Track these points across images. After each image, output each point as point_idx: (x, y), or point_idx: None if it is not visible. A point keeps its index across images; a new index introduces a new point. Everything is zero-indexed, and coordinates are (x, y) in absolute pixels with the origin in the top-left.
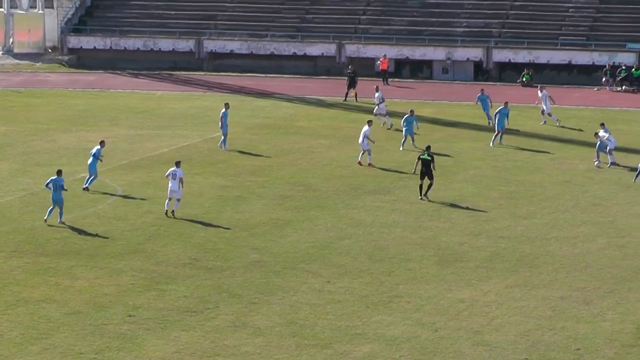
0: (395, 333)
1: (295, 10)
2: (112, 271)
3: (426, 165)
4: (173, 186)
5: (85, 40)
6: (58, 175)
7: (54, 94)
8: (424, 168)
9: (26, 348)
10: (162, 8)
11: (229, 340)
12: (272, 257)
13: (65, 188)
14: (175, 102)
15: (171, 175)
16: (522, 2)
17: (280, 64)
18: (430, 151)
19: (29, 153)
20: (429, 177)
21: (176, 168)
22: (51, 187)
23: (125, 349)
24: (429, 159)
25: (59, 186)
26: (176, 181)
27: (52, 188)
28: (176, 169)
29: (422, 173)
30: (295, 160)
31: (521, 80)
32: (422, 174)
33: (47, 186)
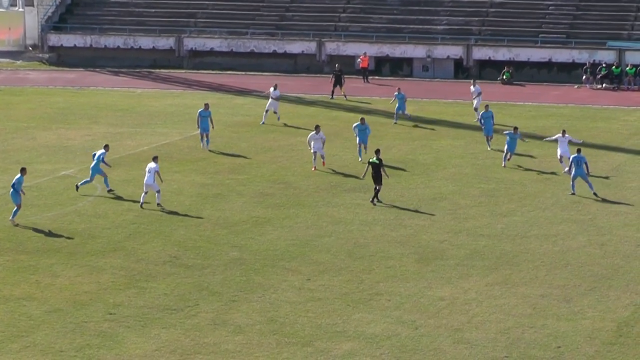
0: (375, 331)
1: (275, 8)
2: (93, 269)
3: (375, 170)
4: (148, 180)
5: (66, 38)
6: (21, 174)
7: (34, 92)
8: (373, 172)
9: (6, 346)
10: (142, 6)
11: (209, 338)
12: (252, 255)
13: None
14: (155, 100)
15: (147, 169)
16: (502, 0)
17: (260, 61)
18: (379, 155)
19: (9, 151)
20: (378, 182)
21: (152, 162)
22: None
23: (105, 346)
24: (378, 162)
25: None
26: (151, 174)
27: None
28: (151, 163)
29: (373, 177)
30: (275, 158)
31: (501, 78)
32: (373, 178)
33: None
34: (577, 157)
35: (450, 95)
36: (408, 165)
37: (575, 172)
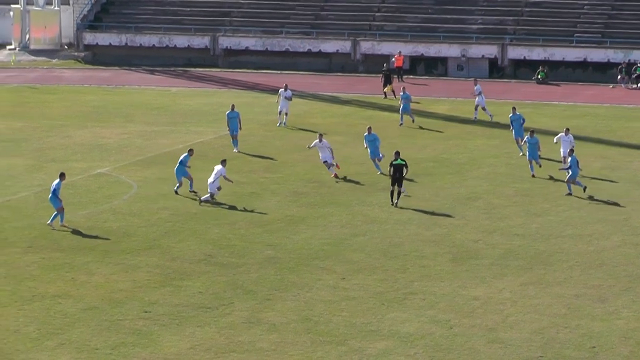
0: (409, 330)
1: (310, 7)
2: (128, 267)
3: (399, 171)
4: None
5: (101, 36)
6: (60, 179)
7: (69, 90)
8: (397, 174)
9: (42, 343)
10: (178, 5)
11: (243, 336)
12: (286, 254)
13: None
14: (190, 99)
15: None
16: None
17: (294, 60)
18: (400, 156)
19: (44, 149)
20: (400, 184)
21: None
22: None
23: (140, 344)
24: (402, 163)
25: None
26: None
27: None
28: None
29: (394, 179)
30: (309, 157)
31: (536, 77)
32: (394, 180)
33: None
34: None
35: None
36: (442, 164)
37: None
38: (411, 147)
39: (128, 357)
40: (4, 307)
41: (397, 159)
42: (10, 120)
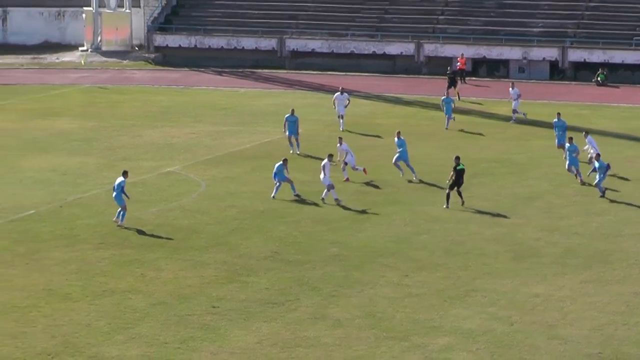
0: (471, 326)
1: (375, 10)
2: (196, 263)
3: (462, 176)
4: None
5: (171, 38)
6: (123, 177)
7: (139, 91)
8: (460, 179)
9: (112, 337)
10: (246, 7)
11: (309, 331)
12: (351, 251)
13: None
14: (257, 99)
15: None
16: (597, 3)
17: (359, 62)
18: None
19: (115, 148)
20: (460, 186)
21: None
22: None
23: (208, 339)
24: (464, 168)
25: (119, 187)
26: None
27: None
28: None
29: (455, 183)
30: (373, 157)
31: (596, 79)
32: (455, 184)
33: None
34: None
35: (545, 96)
36: (503, 165)
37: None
38: (472, 148)
39: (196, 351)
40: (75, 302)
41: (459, 163)
42: (82, 119)
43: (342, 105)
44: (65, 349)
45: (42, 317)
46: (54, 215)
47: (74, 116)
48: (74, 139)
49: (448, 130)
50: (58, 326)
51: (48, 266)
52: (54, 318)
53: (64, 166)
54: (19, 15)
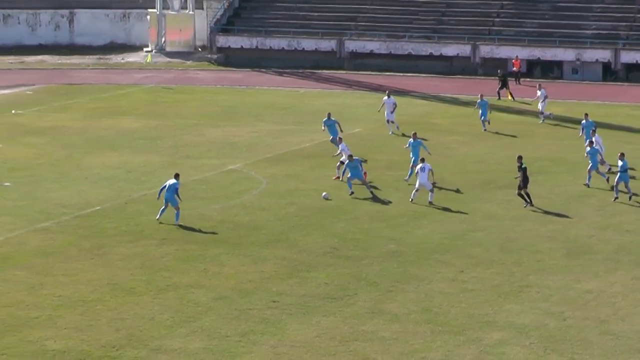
0: (524, 321)
1: (432, 12)
2: (257, 259)
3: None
4: (422, 179)
5: (233, 39)
6: (175, 179)
7: (202, 91)
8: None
9: (175, 331)
10: (306, 9)
11: (367, 325)
12: (408, 247)
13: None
14: (317, 99)
15: (420, 168)
16: None
17: (416, 63)
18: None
19: (179, 146)
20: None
21: (424, 163)
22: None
23: (268, 332)
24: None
25: (174, 189)
26: (425, 174)
27: (166, 189)
28: (425, 164)
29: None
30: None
31: None
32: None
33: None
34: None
35: (598, 97)
36: (557, 164)
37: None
38: (527, 147)
39: (257, 344)
40: (140, 296)
41: (522, 163)
42: (147, 118)
43: (389, 109)
44: (129, 341)
45: (107, 310)
46: (119, 211)
47: (138, 115)
48: (139, 137)
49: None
50: (122, 319)
51: (113, 261)
52: (119, 312)
53: (129, 164)
54: (85, 16)
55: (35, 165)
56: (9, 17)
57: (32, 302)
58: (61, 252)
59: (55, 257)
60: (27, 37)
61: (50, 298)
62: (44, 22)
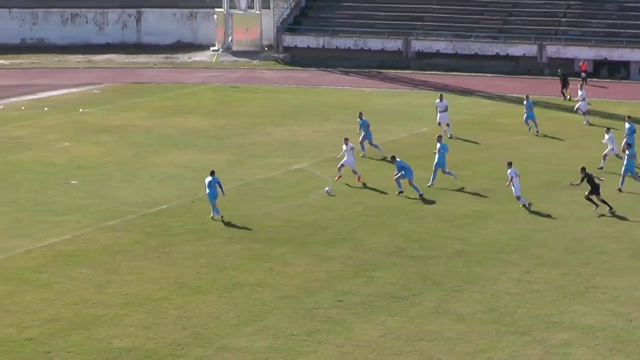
0: (591, 322)
1: (499, 12)
2: (322, 258)
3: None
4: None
5: (299, 39)
6: (212, 176)
7: (268, 90)
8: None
9: (241, 329)
10: (372, 9)
11: (432, 325)
12: (473, 248)
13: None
14: (383, 99)
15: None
16: None
17: (482, 63)
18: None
19: (245, 145)
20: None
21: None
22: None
23: (334, 332)
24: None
25: (216, 183)
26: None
27: (208, 185)
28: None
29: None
30: (495, 155)
31: None
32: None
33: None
34: None
35: None
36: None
37: None
38: (592, 147)
39: (322, 343)
40: (206, 295)
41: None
42: (213, 117)
43: (441, 111)
44: (195, 340)
45: (173, 309)
46: (185, 210)
47: (205, 114)
48: (205, 136)
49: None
50: (188, 318)
51: (179, 259)
52: (185, 310)
53: (196, 162)
54: (152, 16)
55: (102, 164)
56: (77, 16)
57: (99, 300)
58: (128, 251)
59: (121, 255)
60: (94, 36)
61: (116, 296)
62: (111, 21)
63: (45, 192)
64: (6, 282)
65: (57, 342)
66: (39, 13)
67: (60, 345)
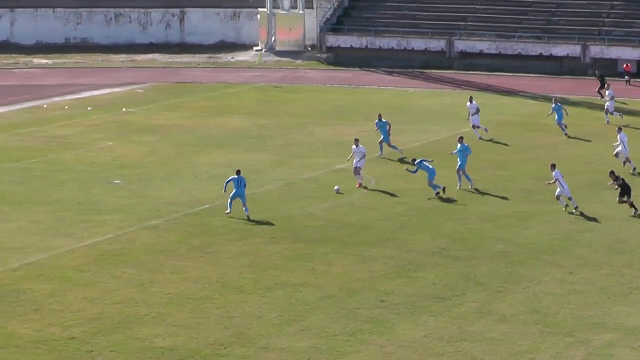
0: (634, 323)
1: (542, 12)
2: (365, 258)
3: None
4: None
5: (342, 39)
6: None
7: (311, 90)
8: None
9: (283, 329)
10: (415, 9)
11: (474, 326)
12: (516, 248)
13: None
14: (426, 99)
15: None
16: None
17: (526, 63)
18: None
19: (288, 145)
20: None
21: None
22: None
23: (376, 332)
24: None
25: (244, 183)
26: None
27: (236, 184)
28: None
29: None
30: (538, 156)
31: None
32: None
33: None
34: None
35: None
36: None
37: None
38: (636, 147)
39: (364, 343)
40: (248, 294)
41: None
42: (256, 117)
43: (473, 113)
44: (238, 339)
45: (215, 308)
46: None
47: (248, 114)
48: (248, 135)
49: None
50: (231, 317)
51: (222, 259)
52: (227, 310)
53: (238, 162)
54: (196, 15)
55: (145, 163)
56: (121, 16)
57: (141, 299)
58: (170, 250)
59: (164, 254)
60: (138, 35)
61: (159, 295)
62: (154, 20)
63: (88, 192)
64: (49, 281)
65: (99, 341)
66: (83, 13)
67: (102, 344)
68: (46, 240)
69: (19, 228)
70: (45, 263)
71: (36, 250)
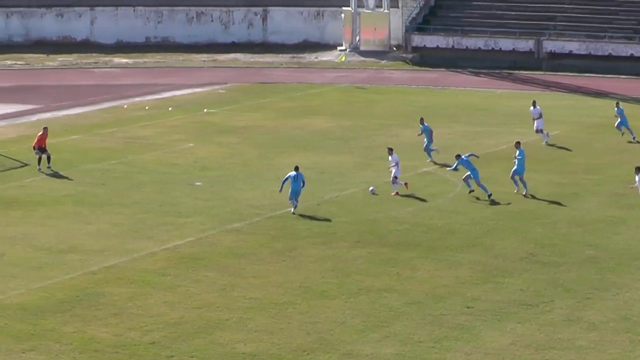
0: None
1: (633, 12)
2: (451, 263)
3: None
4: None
5: (429, 39)
6: (297, 171)
7: (396, 91)
8: None
9: (367, 335)
10: (503, 9)
11: (563, 333)
12: (606, 254)
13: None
14: (514, 101)
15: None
16: None
17: (616, 65)
18: None
19: (372, 147)
20: None
21: None
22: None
23: (462, 339)
24: None
25: (302, 179)
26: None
27: (293, 181)
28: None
29: None
30: (630, 159)
31: None
32: None
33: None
34: None
35: None
36: None
37: None
38: None
39: (450, 350)
40: (331, 300)
41: None
42: (340, 118)
43: (536, 118)
44: (320, 345)
45: (298, 313)
46: (311, 212)
47: (331, 115)
48: (332, 137)
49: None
50: (313, 323)
51: (305, 263)
52: (310, 315)
53: (322, 164)
54: (279, 14)
55: (226, 165)
56: (203, 15)
57: (223, 303)
58: (253, 254)
59: (246, 258)
60: (220, 35)
61: (241, 300)
62: (237, 20)
63: (169, 194)
64: (129, 285)
65: (180, 346)
66: (164, 11)
67: (183, 349)
68: (126, 242)
69: (99, 230)
70: (125, 266)
71: (116, 253)
